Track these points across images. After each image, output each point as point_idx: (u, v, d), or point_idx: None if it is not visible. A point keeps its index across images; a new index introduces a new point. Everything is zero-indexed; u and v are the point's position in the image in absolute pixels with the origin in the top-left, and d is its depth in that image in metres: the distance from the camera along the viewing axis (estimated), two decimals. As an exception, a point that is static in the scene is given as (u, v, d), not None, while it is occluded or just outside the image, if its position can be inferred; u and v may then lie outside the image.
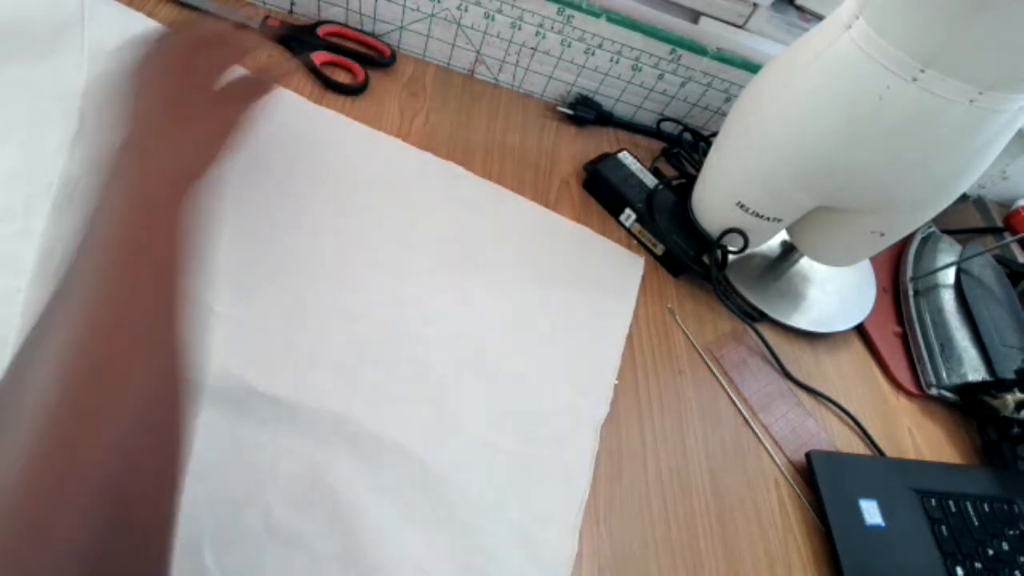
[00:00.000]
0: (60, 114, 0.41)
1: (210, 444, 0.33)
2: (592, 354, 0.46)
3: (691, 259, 0.52)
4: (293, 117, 0.49)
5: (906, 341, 0.58)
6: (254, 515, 0.32)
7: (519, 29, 0.55)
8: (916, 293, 0.60)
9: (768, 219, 0.47)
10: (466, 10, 0.54)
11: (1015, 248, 0.67)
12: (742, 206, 0.47)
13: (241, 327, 0.38)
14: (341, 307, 0.41)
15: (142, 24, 0.48)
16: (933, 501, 0.46)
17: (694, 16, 0.56)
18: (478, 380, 0.41)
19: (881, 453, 0.49)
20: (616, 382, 0.45)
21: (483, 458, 0.38)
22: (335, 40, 0.55)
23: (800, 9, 0.58)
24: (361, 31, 0.56)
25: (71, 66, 0.43)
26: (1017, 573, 0.45)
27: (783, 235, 0.55)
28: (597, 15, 0.53)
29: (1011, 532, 0.47)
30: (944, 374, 0.54)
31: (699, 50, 0.56)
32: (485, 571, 0.34)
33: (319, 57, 0.53)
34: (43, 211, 0.37)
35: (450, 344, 0.42)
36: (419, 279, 0.44)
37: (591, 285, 0.49)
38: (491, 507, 0.36)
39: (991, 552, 0.45)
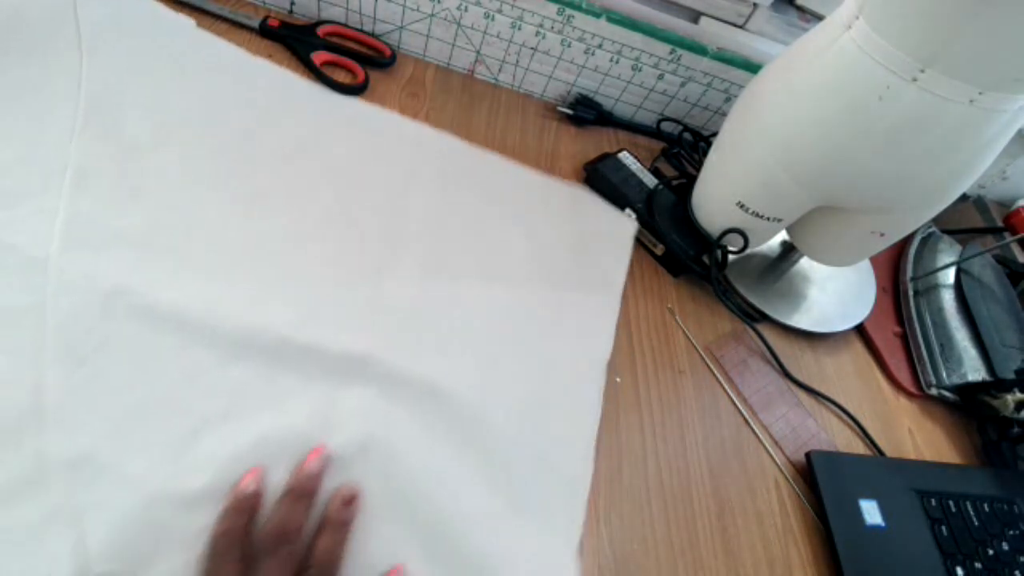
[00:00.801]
0: (66, 100, 0.42)
1: (245, 393, 0.35)
2: (593, 300, 0.48)
3: (691, 259, 0.52)
4: (289, 94, 0.50)
5: (906, 341, 0.58)
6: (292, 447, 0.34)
7: (519, 29, 0.55)
8: (916, 293, 0.60)
9: (768, 219, 0.47)
10: (466, 10, 0.54)
11: (1015, 248, 0.67)
12: (742, 206, 0.47)
13: (270, 286, 0.40)
14: (353, 268, 0.43)
15: (140, 5, 0.49)
16: (933, 501, 0.46)
17: (694, 16, 0.56)
18: (478, 337, 0.43)
19: (881, 453, 0.49)
20: (619, 380, 0.45)
21: (503, 400, 0.40)
22: (335, 40, 0.55)
23: (800, 9, 0.58)
24: (361, 31, 0.56)
25: (71, 53, 0.44)
26: (1017, 573, 0.45)
27: (783, 235, 0.55)
28: (597, 15, 0.53)
29: (1011, 532, 0.47)
30: (944, 374, 0.54)
31: (699, 50, 0.56)
32: (509, 487, 0.37)
33: (319, 57, 0.53)
34: (60, 190, 0.38)
35: (454, 300, 0.44)
36: (423, 243, 0.46)
37: (584, 236, 0.52)
38: (513, 436, 0.39)
39: (991, 552, 0.45)
